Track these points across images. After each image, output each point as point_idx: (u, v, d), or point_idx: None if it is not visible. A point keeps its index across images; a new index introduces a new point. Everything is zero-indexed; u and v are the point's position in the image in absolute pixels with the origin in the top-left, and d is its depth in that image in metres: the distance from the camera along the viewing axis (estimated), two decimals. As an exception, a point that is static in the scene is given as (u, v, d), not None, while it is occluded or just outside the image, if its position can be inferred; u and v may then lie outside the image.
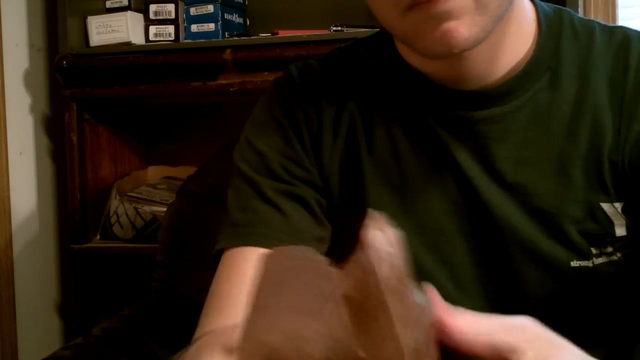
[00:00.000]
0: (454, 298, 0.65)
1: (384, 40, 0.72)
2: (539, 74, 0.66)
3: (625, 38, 0.67)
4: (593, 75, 0.65)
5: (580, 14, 1.43)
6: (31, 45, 1.74)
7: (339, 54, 0.76)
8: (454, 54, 0.59)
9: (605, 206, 0.64)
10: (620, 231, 0.65)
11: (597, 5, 1.60)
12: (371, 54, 0.73)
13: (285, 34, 1.51)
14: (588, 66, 0.66)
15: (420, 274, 0.65)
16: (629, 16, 1.68)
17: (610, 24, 0.70)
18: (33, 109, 1.74)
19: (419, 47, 0.61)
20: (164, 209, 1.46)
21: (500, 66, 0.65)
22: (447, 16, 0.57)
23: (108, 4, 1.61)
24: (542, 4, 0.70)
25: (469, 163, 0.66)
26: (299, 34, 1.47)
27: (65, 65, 1.57)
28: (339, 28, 1.45)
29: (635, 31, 0.69)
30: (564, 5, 1.37)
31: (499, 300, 0.67)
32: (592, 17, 1.60)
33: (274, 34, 1.54)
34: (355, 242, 0.33)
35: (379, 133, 0.69)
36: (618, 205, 0.64)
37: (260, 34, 1.58)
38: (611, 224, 0.64)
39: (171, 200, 1.44)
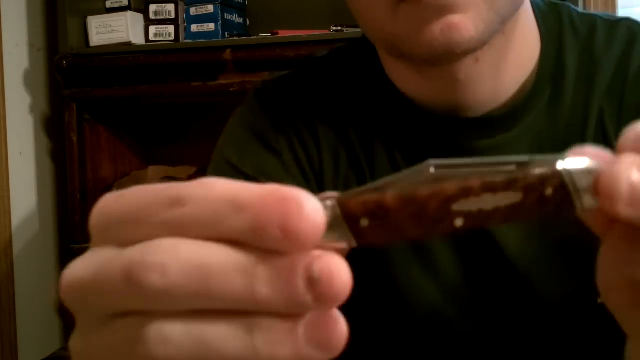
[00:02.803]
0: (441, 309, 0.64)
1: (367, 57, 0.65)
2: (542, 90, 0.60)
3: (631, 33, 0.63)
4: (595, 79, 0.61)
5: (580, 14, 1.42)
6: (31, 45, 1.74)
7: (319, 68, 0.68)
8: (455, 57, 0.53)
9: None
10: None
11: (597, 5, 1.60)
12: (355, 74, 0.66)
13: (285, 34, 1.51)
14: (589, 70, 0.61)
15: (410, 287, 0.64)
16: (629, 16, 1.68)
17: (613, 17, 0.66)
18: (33, 109, 1.74)
19: (412, 48, 0.53)
20: (164, 209, 1.46)
21: (503, 89, 0.60)
22: (451, 8, 0.51)
23: (108, 4, 1.61)
24: (540, 1, 0.65)
25: None
26: (299, 34, 1.47)
27: (65, 65, 1.57)
28: (339, 28, 1.45)
29: None
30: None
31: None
32: (592, 17, 1.60)
33: (274, 34, 1.54)
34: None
35: (382, 163, 0.64)
36: None
37: (260, 34, 1.58)
38: None
39: (171, 200, 1.44)
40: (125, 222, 0.26)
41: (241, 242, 0.23)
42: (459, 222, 0.24)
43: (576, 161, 0.23)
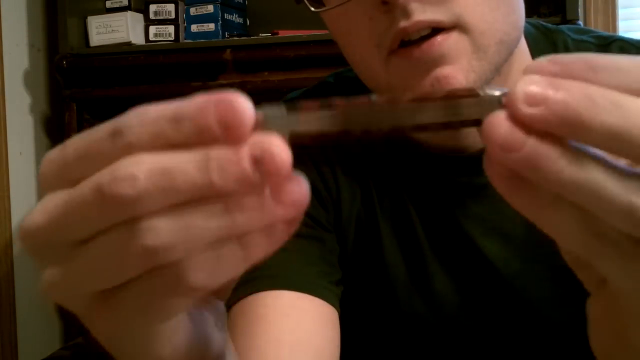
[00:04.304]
0: (431, 320, 0.65)
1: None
2: None
3: (622, 54, 0.63)
4: None
5: (580, 14, 1.43)
6: (31, 45, 1.74)
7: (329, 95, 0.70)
8: None
9: None
10: None
11: (597, 5, 1.60)
12: None
13: (285, 34, 1.51)
14: None
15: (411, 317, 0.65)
16: (629, 16, 1.68)
17: (609, 37, 0.66)
18: (33, 109, 1.74)
19: None
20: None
21: None
22: (441, 60, 0.51)
23: (108, 4, 1.61)
24: (532, 29, 0.65)
25: (479, 232, 0.62)
26: (299, 34, 1.47)
27: (65, 65, 1.57)
28: (339, 28, 1.45)
29: (634, 44, 0.64)
30: (564, 6, 1.37)
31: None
32: (592, 18, 1.60)
33: (274, 34, 1.54)
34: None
35: (391, 199, 0.65)
36: None
37: (260, 34, 1.58)
38: None
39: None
40: (74, 164, 0.28)
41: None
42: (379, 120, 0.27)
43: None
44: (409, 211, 0.64)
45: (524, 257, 0.62)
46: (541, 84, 0.25)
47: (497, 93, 0.26)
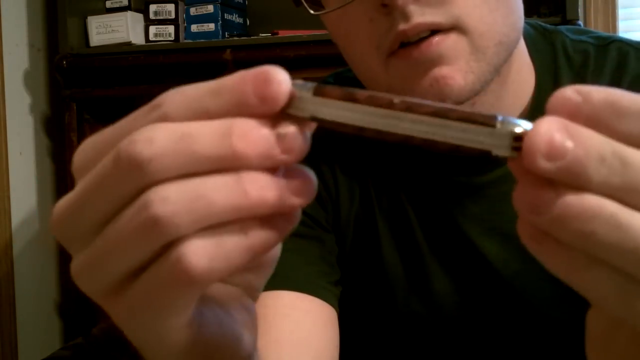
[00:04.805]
0: (431, 321, 0.65)
1: None
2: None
3: (621, 57, 0.63)
4: None
5: (580, 14, 1.42)
6: (31, 45, 1.74)
7: None
8: None
9: None
10: None
11: (597, 5, 1.60)
12: None
13: (285, 34, 1.51)
14: None
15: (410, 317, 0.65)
16: (629, 16, 1.68)
17: (607, 38, 0.66)
18: (33, 109, 1.74)
19: None
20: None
21: None
22: (439, 61, 0.51)
23: (108, 4, 1.61)
24: (531, 30, 0.65)
25: (477, 232, 0.62)
26: (299, 34, 1.47)
27: (65, 65, 1.57)
28: (339, 28, 1.45)
29: (633, 45, 0.64)
30: (564, 6, 1.37)
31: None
32: (592, 18, 1.60)
33: (274, 34, 1.54)
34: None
35: (389, 198, 0.65)
36: None
37: (260, 34, 1.58)
38: None
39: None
40: (108, 147, 0.28)
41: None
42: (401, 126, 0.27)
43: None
44: (407, 211, 0.64)
45: (522, 257, 0.62)
46: (562, 132, 0.24)
47: (515, 129, 0.25)
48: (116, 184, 0.27)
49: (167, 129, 0.26)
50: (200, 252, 0.26)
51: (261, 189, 0.26)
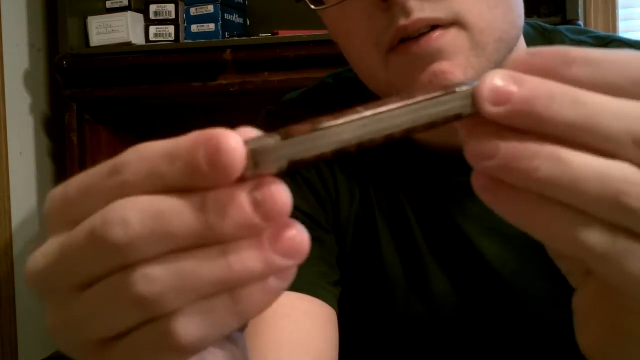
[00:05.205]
0: (430, 320, 0.65)
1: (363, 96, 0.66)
2: None
3: None
4: None
5: (580, 14, 1.42)
6: (31, 45, 1.74)
7: (327, 96, 0.69)
8: None
9: None
10: None
11: (597, 5, 1.60)
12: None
13: (285, 34, 1.51)
14: None
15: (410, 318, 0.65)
16: (629, 16, 1.68)
17: (607, 37, 0.66)
18: (33, 109, 1.74)
19: None
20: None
21: None
22: (439, 55, 0.51)
23: (108, 4, 1.61)
24: (530, 30, 0.65)
25: (476, 232, 0.62)
26: (299, 34, 1.47)
27: (65, 65, 1.56)
28: (339, 28, 1.45)
29: (632, 44, 0.64)
30: (564, 6, 1.37)
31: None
32: (592, 18, 1.60)
33: (274, 34, 1.54)
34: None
35: (389, 198, 0.65)
36: None
37: (260, 34, 1.58)
38: None
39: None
40: (75, 203, 0.28)
41: (185, 189, 0.26)
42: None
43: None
44: (407, 211, 0.64)
45: (521, 257, 0.62)
46: (505, 79, 0.26)
47: (466, 87, 0.27)
48: (93, 258, 0.26)
49: (139, 208, 0.25)
50: (189, 324, 0.26)
51: (245, 260, 0.25)
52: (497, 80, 0.26)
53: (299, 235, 0.26)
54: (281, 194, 0.25)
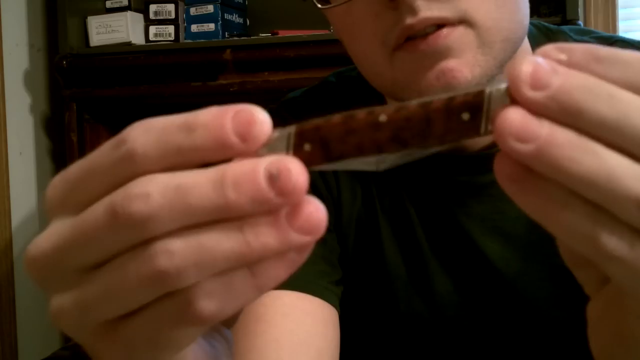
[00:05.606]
0: (431, 320, 0.65)
1: (374, 93, 0.63)
2: None
3: None
4: None
5: (580, 14, 1.42)
6: (31, 45, 1.74)
7: (330, 95, 0.69)
8: None
9: None
10: None
11: (597, 5, 1.60)
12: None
13: (285, 34, 1.51)
14: None
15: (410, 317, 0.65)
16: (629, 16, 1.68)
17: (610, 38, 0.66)
18: (33, 109, 1.74)
19: (410, 95, 0.52)
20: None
21: None
22: (446, 53, 0.51)
23: (108, 4, 1.61)
24: (534, 30, 0.65)
25: (479, 232, 0.62)
26: (299, 34, 1.47)
27: (65, 65, 1.56)
28: (339, 28, 1.45)
29: (635, 45, 0.64)
30: (564, 6, 1.37)
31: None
32: (592, 18, 1.60)
33: (274, 34, 1.54)
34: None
35: (391, 198, 0.65)
36: None
37: (260, 34, 1.58)
38: None
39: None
40: (78, 187, 0.28)
41: (197, 163, 0.26)
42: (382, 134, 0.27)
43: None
44: (409, 211, 0.64)
45: (524, 257, 0.62)
46: (545, 65, 0.26)
47: (503, 86, 0.26)
48: (112, 236, 0.26)
49: (160, 182, 0.26)
50: (209, 296, 0.26)
51: (262, 236, 0.26)
52: (538, 62, 0.26)
53: (315, 212, 0.26)
54: (297, 170, 0.25)
